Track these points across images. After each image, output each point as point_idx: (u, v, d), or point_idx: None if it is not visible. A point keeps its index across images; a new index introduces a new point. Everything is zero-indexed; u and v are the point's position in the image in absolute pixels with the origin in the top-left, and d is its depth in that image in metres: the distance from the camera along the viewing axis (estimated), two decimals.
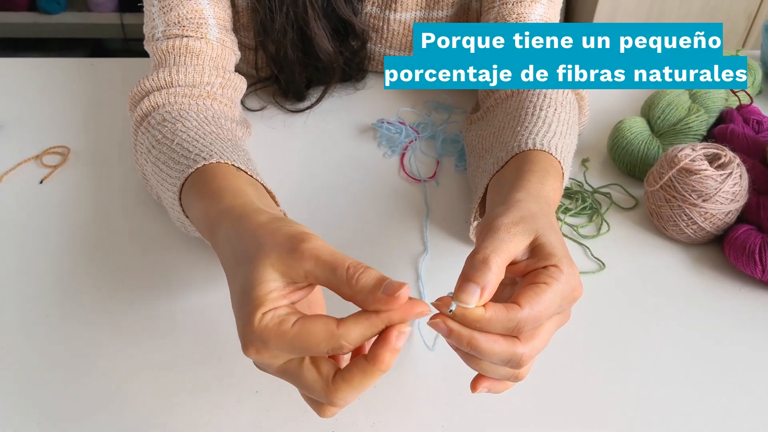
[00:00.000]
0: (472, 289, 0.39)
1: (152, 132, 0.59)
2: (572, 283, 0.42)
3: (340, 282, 0.38)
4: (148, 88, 0.63)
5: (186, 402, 0.50)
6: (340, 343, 0.37)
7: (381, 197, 0.69)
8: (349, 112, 0.82)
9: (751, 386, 0.52)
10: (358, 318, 0.38)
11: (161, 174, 0.56)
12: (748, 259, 0.59)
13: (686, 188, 0.61)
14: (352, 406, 0.49)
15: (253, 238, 0.42)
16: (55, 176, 0.71)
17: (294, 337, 0.37)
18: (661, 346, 0.55)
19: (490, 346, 0.39)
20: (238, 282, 0.41)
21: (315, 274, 0.39)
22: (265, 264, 0.39)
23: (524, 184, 0.50)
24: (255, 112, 0.81)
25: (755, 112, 0.77)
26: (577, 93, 0.69)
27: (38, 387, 0.50)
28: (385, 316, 0.38)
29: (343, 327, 0.37)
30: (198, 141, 0.56)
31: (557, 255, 0.42)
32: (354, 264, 0.38)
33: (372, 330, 0.38)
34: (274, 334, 0.37)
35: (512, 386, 0.44)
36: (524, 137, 0.57)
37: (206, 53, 0.66)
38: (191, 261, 0.61)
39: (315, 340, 0.37)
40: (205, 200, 0.49)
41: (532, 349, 0.40)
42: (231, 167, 0.53)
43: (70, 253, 0.62)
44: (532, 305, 0.39)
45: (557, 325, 0.43)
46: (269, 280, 0.39)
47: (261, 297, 0.38)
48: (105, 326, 0.55)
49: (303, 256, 0.39)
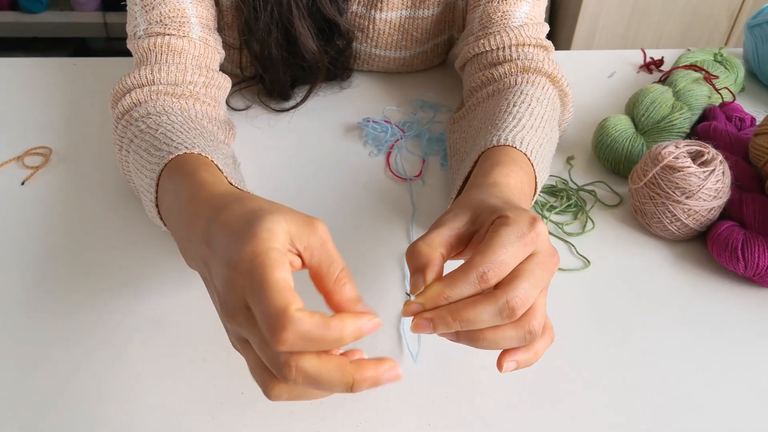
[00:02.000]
0: (415, 279, 0.41)
1: (136, 124, 0.59)
2: (524, 221, 0.41)
3: (329, 275, 0.39)
4: (129, 85, 0.63)
5: (170, 403, 0.49)
6: (283, 321, 0.35)
7: (367, 196, 0.69)
8: (334, 112, 0.82)
9: (735, 380, 0.53)
10: (314, 315, 0.36)
11: (141, 161, 0.55)
12: (730, 255, 0.59)
13: (670, 185, 0.62)
14: (338, 405, 0.49)
15: (265, 200, 0.42)
16: (37, 177, 0.70)
17: (263, 286, 0.36)
18: (646, 342, 0.55)
19: (471, 307, 0.39)
20: (244, 224, 0.39)
21: (315, 252, 0.40)
22: (280, 215, 0.39)
23: (473, 181, 0.52)
24: (239, 111, 0.80)
25: (738, 110, 0.78)
26: (561, 90, 0.69)
27: (22, 389, 0.50)
28: (338, 328, 0.36)
29: (299, 312, 0.35)
30: (182, 133, 0.55)
31: (499, 208, 0.43)
32: (348, 271, 0.40)
33: (323, 332, 0.35)
34: (264, 265, 0.36)
35: (542, 352, 0.43)
36: (492, 135, 0.57)
37: (188, 52, 0.66)
38: (175, 261, 0.60)
39: (273, 300, 0.35)
40: (190, 175, 0.49)
41: (516, 290, 0.39)
42: (212, 162, 0.52)
43: (53, 255, 0.61)
44: (481, 251, 0.40)
45: (540, 265, 0.41)
46: (282, 225, 0.39)
47: (274, 231, 0.38)
48: (88, 327, 0.54)
49: (316, 230, 0.40)
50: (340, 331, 0.36)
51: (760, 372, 0.53)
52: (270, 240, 0.38)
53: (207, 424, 0.48)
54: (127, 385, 0.50)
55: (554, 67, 0.68)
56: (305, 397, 0.39)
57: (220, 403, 0.49)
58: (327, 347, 0.36)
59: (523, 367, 0.43)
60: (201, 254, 0.42)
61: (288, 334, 0.34)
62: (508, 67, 0.68)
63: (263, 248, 0.37)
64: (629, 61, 0.97)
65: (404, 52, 0.85)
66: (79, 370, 0.51)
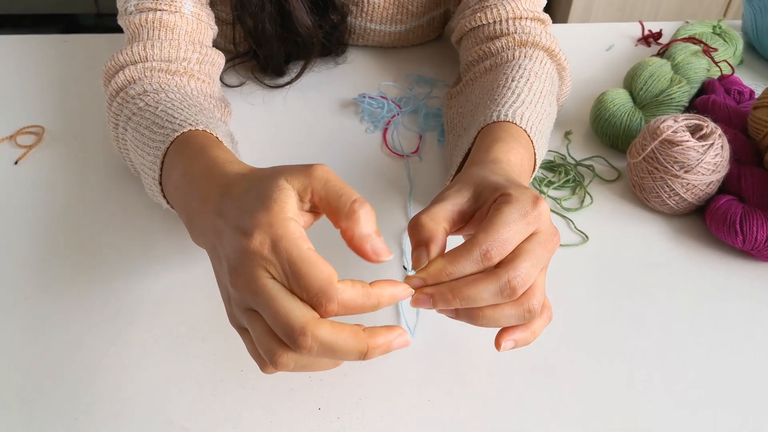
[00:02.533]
0: (419, 253, 0.41)
1: (133, 101, 0.58)
2: (525, 198, 0.41)
3: (340, 210, 0.39)
4: (122, 62, 0.62)
5: (170, 381, 0.49)
6: (330, 292, 0.36)
7: (364, 174, 0.69)
8: (330, 87, 0.81)
9: (733, 353, 0.53)
10: (356, 285, 0.38)
11: (143, 139, 0.55)
12: (729, 229, 0.59)
13: (668, 159, 0.61)
14: (337, 381, 0.49)
15: (266, 170, 0.43)
16: (30, 156, 0.69)
17: (300, 260, 0.37)
18: (644, 316, 0.56)
19: (473, 285, 0.39)
20: (255, 197, 0.40)
21: (320, 195, 0.40)
22: (282, 177, 0.40)
23: (473, 158, 0.51)
24: (234, 88, 0.79)
25: (736, 83, 0.77)
26: (559, 64, 0.68)
27: (21, 369, 0.50)
28: (377, 295, 0.38)
29: (342, 283, 0.37)
30: (183, 110, 0.54)
31: (502, 185, 0.43)
32: (361, 200, 0.40)
33: (364, 300, 0.37)
34: (290, 239, 0.37)
35: (540, 331, 0.43)
36: (491, 110, 0.57)
37: (181, 27, 0.64)
38: (172, 240, 0.60)
39: (315, 274, 0.37)
40: (202, 153, 0.48)
41: (517, 270, 0.39)
42: (218, 139, 0.52)
43: (49, 234, 0.61)
44: (485, 229, 0.40)
45: (542, 244, 0.41)
46: (288, 188, 0.39)
47: (283, 200, 0.39)
48: (85, 307, 0.54)
49: (315, 175, 0.40)
50: (378, 298, 0.38)
51: (758, 345, 0.54)
52: (283, 210, 0.38)
53: (207, 401, 0.48)
54: (126, 364, 0.50)
55: (552, 40, 0.67)
56: (311, 367, 0.39)
57: (220, 381, 0.49)
58: (363, 312, 0.38)
59: (521, 346, 0.43)
60: (213, 226, 0.42)
61: (334, 305, 0.36)
62: (505, 41, 0.67)
63: (280, 219, 0.38)
64: (627, 34, 0.96)
65: (400, 26, 0.84)
66: (77, 349, 0.51)
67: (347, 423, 0.47)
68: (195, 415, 0.47)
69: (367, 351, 0.37)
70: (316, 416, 0.48)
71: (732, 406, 0.49)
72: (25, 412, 0.47)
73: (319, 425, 0.47)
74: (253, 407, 0.48)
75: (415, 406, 0.49)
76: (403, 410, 0.48)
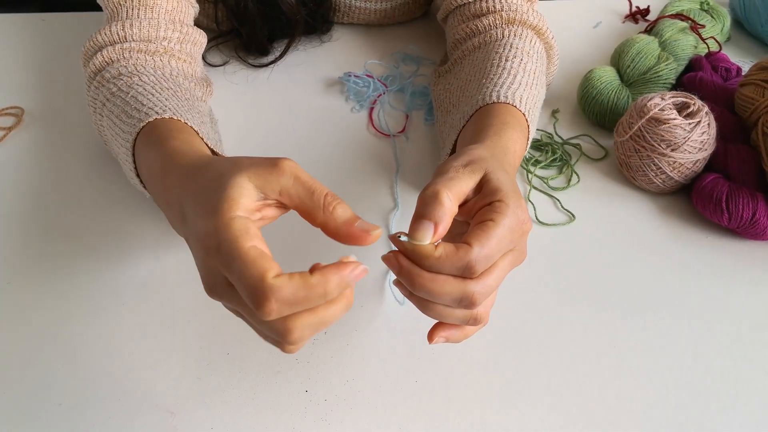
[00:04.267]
0: (426, 225, 0.39)
1: (107, 86, 0.57)
2: (520, 216, 0.41)
3: (316, 206, 0.38)
4: (100, 42, 0.60)
5: (156, 366, 0.49)
6: (263, 291, 0.34)
7: (350, 153, 0.68)
8: (315, 66, 0.80)
9: (719, 331, 0.53)
10: (293, 277, 0.35)
11: (115, 128, 0.54)
12: (715, 207, 0.59)
13: (655, 138, 0.61)
14: (324, 363, 0.49)
15: (227, 160, 0.41)
16: (10, 138, 0.68)
17: (234, 259, 0.35)
18: (631, 294, 0.56)
19: (440, 285, 0.39)
20: (206, 198, 0.38)
21: (291, 192, 0.39)
22: (241, 175, 0.38)
23: (480, 137, 0.50)
24: (217, 67, 0.78)
25: (724, 60, 0.77)
26: (546, 42, 0.67)
27: (2, 353, 0.49)
28: (321, 283, 0.35)
29: (278, 278, 0.35)
30: (153, 95, 0.53)
31: (503, 190, 0.42)
32: (333, 194, 0.39)
33: (307, 292, 0.35)
34: (230, 239, 0.36)
35: (472, 334, 0.44)
36: (489, 90, 0.56)
37: (161, 6, 0.63)
38: (154, 223, 0.59)
39: (248, 274, 0.35)
40: (159, 146, 0.47)
41: (484, 286, 0.40)
42: (186, 125, 0.51)
43: (30, 217, 0.60)
44: (482, 243, 0.39)
45: (511, 263, 0.42)
46: (244, 186, 0.38)
47: (233, 198, 0.37)
48: (67, 291, 0.54)
49: (283, 172, 0.39)
50: (323, 286, 0.35)
51: (743, 323, 0.54)
52: (230, 209, 0.37)
53: (193, 384, 0.48)
54: (110, 349, 0.50)
55: (539, 18, 0.67)
56: (322, 323, 0.37)
57: (206, 364, 0.49)
58: (315, 305, 0.36)
59: (450, 343, 0.44)
60: (179, 231, 0.42)
61: (272, 304, 0.34)
62: (492, 18, 0.66)
63: (225, 221, 0.36)
64: (615, 10, 0.95)
65: (385, 3, 0.82)
66: (59, 334, 0.51)
67: (335, 405, 0.47)
68: (181, 399, 0.47)
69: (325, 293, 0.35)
70: (303, 398, 0.48)
71: (719, 383, 0.50)
72: (8, 397, 0.47)
73: (306, 408, 0.47)
74: (240, 390, 0.48)
75: (402, 386, 0.49)
76: (390, 391, 0.48)
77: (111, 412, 0.46)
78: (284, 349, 0.38)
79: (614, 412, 0.48)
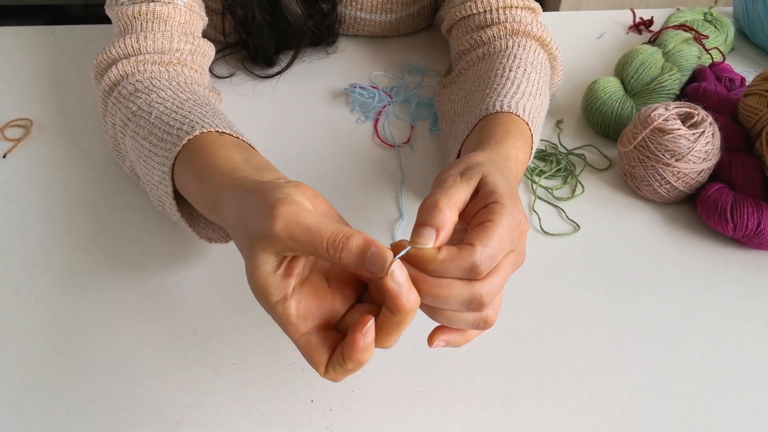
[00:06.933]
0: (427, 231, 0.39)
1: (125, 103, 0.57)
2: (516, 217, 0.41)
3: (324, 257, 0.38)
4: (114, 55, 0.61)
5: (162, 376, 0.49)
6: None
7: (355, 164, 0.69)
8: (320, 77, 0.80)
9: (724, 340, 0.53)
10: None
11: (143, 150, 0.54)
12: (719, 217, 0.60)
13: (659, 148, 0.61)
14: None
15: (245, 220, 0.42)
16: (19, 150, 0.69)
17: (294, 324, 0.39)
18: (636, 305, 0.56)
19: (446, 288, 0.39)
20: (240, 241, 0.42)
21: (299, 252, 0.39)
22: (257, 249, 0.39)
23: (483, 146, 0.51)
24: (223, 79, 0.79)
25: (727, 70, 0.77)
26: (550, 53, 0.68)
27: (10, 363, 0.50)
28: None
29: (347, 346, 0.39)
30: (176, 112, 0.54)
31: (498, 192, 0.42)
32: (332, 240, 0.38)
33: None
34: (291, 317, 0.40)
35: (473, 338, 0.44)
36: (492, 99, 0.57)
37: (174, 19, 0.64)
38: (163, 234, 0.60)
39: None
40: (198, 183, 0.48)
41: (491, 287, 0.40)
42: (214, 134, 0.51)
43: (38, 228, 0.60)
44: (484, 243, 0.39)
45: (513, 264, 0.42)
46: (264, 263, 0.39)
47: (263, 286, 0.39)
48: (75, 302, 0.54)
49: (280, 239, 0.38)
50: (361, 357, 0.39)
51: (748, 332, 0.54)
52: (274, 292, 0.39)
53: (199, 394, 0.48)
54: (117, 359, 0.50)
55: (543, 29, 0.67)
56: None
57: (211, 374, 0.49)
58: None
59: (451, 346, 0.44)
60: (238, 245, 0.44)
61: (320, 368, 0.40)
62: (496, 29, 0.67)
63: (271, 306, 0.40)
64: (618, 21, 0.96)
65: (390, 15, 0.83)
66: (67, 344, 0.51)
67: (340, 414, 0.47)
68: (187, 409, 0.47)
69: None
70: (308, 408, 0.48)
71: (723, 391, 0.50)
72: (16, 406, 0.47)
73: (312, 417, 0.47)
74: (245, 400, 0.48)
75: (407, 396, 0.49)
76: (395, 401, 0.48)
77: (117, 421, 0.47)
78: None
79: (623, 424, 0.48)
